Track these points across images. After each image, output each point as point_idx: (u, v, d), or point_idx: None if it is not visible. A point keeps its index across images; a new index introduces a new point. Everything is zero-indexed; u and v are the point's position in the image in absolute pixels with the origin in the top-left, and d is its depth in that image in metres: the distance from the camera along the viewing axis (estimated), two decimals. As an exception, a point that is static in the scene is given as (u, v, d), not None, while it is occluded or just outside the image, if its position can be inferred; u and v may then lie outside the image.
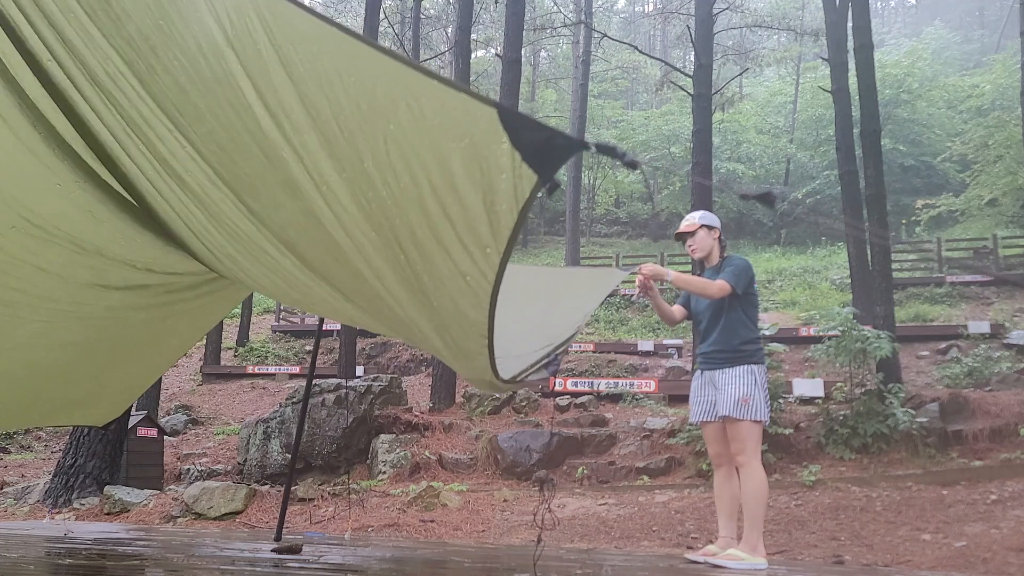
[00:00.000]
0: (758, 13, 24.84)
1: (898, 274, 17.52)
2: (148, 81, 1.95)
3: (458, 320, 2.08)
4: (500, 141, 1.41)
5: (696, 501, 6.71)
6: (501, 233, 1.61)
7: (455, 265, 1.79)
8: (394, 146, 1.61)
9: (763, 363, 3.73)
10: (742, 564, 3.49)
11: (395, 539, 5.76)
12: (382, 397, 9.96)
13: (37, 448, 12.62)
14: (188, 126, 2.03)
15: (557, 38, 32.50)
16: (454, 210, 1.63)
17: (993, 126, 20.70)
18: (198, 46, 1.73)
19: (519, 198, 1.50)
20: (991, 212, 21.88)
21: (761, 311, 7.66)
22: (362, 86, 1.57)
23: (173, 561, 3.55)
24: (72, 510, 7.57)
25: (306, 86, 1.63)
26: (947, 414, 7.91)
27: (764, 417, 3.60)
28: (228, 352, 18.62)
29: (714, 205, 17.04)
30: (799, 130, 30.20)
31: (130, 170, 2.53)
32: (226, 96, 1.80)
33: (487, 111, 1.40)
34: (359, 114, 1.62)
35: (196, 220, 2.61)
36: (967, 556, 4.67)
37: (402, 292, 2.16)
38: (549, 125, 1.41)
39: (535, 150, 1.40)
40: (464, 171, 1.54)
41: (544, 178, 1.43)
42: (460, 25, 13.85)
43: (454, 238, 1.71)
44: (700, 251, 3.93)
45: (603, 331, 18.06)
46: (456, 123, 1.48)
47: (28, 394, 3.75)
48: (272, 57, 1.62)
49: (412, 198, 1.69)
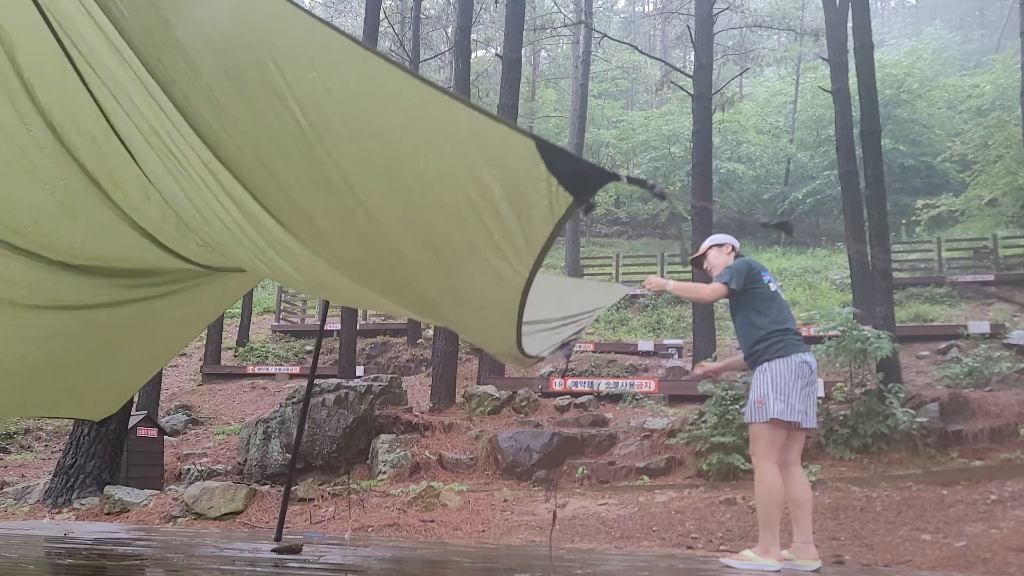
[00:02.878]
0: (758, 13, 24.82)
1: (898, 274, 17.52)
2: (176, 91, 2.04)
3: (489, 307, 2.26)
4: (537, 166, 1.57)
5: (696, 501, 6.71)
6: (535, 242, 1.80)
7: (491, 266, 1.97)
8: (434, 164, 1.77)
9: (779, 356, 3.61)
10: (749, 565, 3.49)
11: (395, 539, 5.75)
12: (382, 397, 9.96)
13: (37, 448, 12.62)
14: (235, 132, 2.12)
15: (557, 38, 32.49)
16: (491, 223, 1.81)
17: (993, 126, 20.67)
18: (255, 66, 1.84)
19: (555, 215, 1.67)
20: (991, 212, 21.86)
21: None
22: (401, 111, 1.71)
23: (173, 561, 3.55)
24: (72, 510, 7.57)
25: (348, 107, 1.77)
26: (947, 414, 7.90)
27: (774, 416, 3.52)
28: (228, 352, 18.62)
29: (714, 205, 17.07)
30: (799, 130, 30.19)
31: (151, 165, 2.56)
32: (272, 106, 1.90)
33: (525, 141, 1.56)
34: (400, 135, 1.77)
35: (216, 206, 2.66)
36: (967, 556, 4.67)
37: (434, 283, 2.31)
38: (584, 159, 1.61)
39: (571, 177, 1.58)
40: (502, 190, 1.70)
41: (579, 200, 1.60)
42: (460, 25, 13.85)
43: (490, 244, 1.88)
44: (715, 270, 4.01)
45: (603, 331, 18.05)
46: (494, 149, 1.65)
47: (19, 383, 3.75)
48: (318, 81, 1.76)
49: (450, 209, 1.84)
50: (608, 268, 22.37)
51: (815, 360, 3.77)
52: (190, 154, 2.24)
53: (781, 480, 3.57)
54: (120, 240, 3.06)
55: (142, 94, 2.11)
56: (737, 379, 8.17)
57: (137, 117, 2.28)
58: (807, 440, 7.78)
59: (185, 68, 1.91)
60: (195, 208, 2.68)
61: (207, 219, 2.72)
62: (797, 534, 3.64)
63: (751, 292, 3.78)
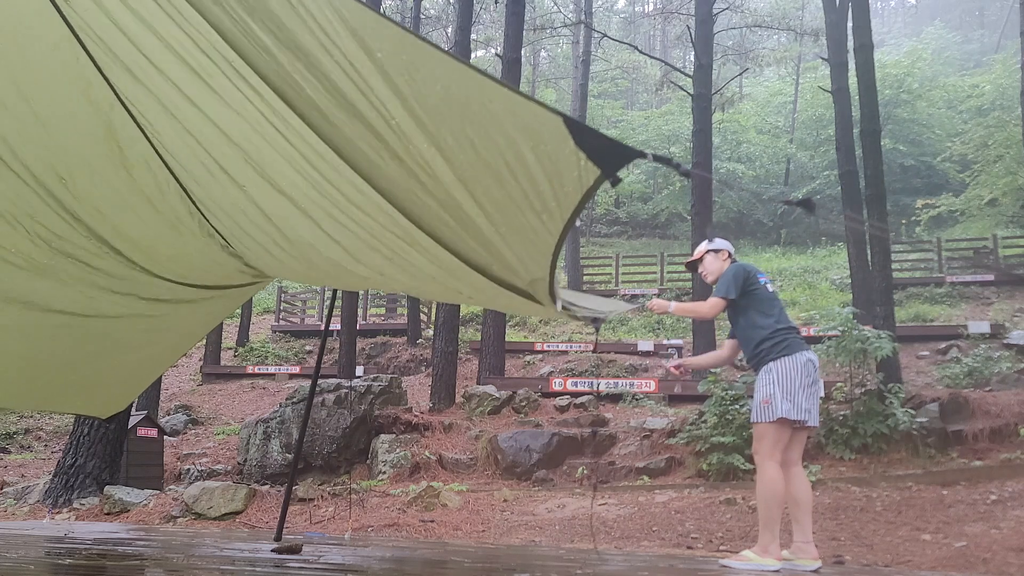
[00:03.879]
0: (758, 13, 24.84)
1: (898, 274, 17.52)
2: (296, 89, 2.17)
3: (523, 258, 2.42)
4: (566, 141, 1.68)
5: (696, 501, 6.71)
6: (566, 205, 1.95)
7: (527, 221, 2.11)
8: (472, 129, 1.90)
9: (785, 355, 3.60)
10: (748, 565, 3.49)
11: (395, 539, 5.75)
12: (382, 397, 9.96)
13: (37, 448, 12.62)
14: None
15: (557, 38, 32.48)
16: (526, 184, 1.96)
17: (993, 126, 20.70)
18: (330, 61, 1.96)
19: (583, 184, 1.79)
20: (991, 212, 21.88)
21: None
22: (445, 87, 1.84)
23: (173, 561, 3.55)
24: (72, 510, 7.57)
25: (400, 81, 1.89)
26: (947, 414, 7.90)
27: (778, 415, 3.52)
28: (228, 352, 18.63)
29: (714, 205, 17.07)
30: (799, 130, 30.20)
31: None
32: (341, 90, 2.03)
33: (553, 118, 1.66)
34: (444, 106, 1.90)
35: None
36: (967, 556, 4.67)
37: (474, 230, 2.42)
38: (610, 136, 1.69)
39: (598, 152, 1.69)
40: (534, 157, 1.84)
41: (607, 172, 1.70)
42: (460, 25, 13.83)
43: (526, 203, 2.03)
44: (711, 275, 3.99)
45: (603, 331, 18.05)
46: (526, 124, 1.77)
47: (25, 376, 3.77)
48: (368, 65, 1.88)
49: (491, 170, 1.99)
50: (608, 268, 22.35)
51: (818, 359, 3.77)
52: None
53: (783, 480, 3.57)
54: (207, 258, 3.30)
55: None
56: (737, 379, 8.17)
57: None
58: (807, 440, 7.82)
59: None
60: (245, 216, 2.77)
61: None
62: (797, 534, 3.64)
63: (750, 294, 3.77)
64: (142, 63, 2.28)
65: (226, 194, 2.80)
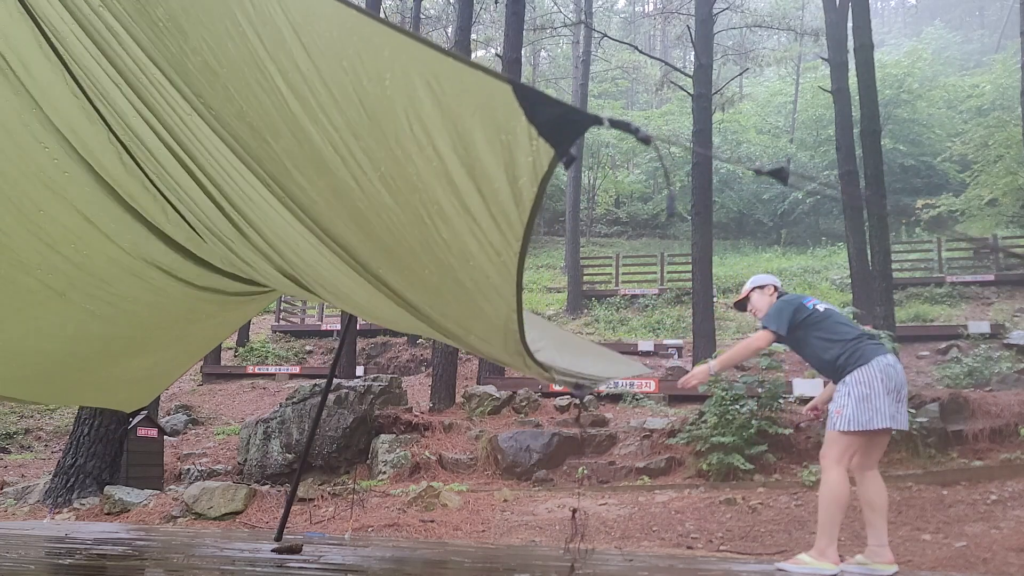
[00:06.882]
0: (758, 13, 24.84)
1: (898, 274, 17.52)
2: (176, 64, 1.99)
3: (487, 293, 2.12)
4: (518, 117, 1.43)
5: (696, 501, 6.71)
6: (524, 205, 1.64)
7: (484, 236, 1.82)
8: (416, 122, 1.64)
9: (860, 364, 3.55)
10: (805, 569, 3.48)
11: (395, 539, 5.75)
12: (382, 397, 9.96)
13: (37, 448, 12.62)
14: (218, 107, 2.05)
15: (557, 38, 32.47)
16: (483, 184, 1.66)
17: (993, 126, 20.70)
18: (224, 28, 1.77)
19: (538, 172, 1.52)
20: (991, 212, 21.87)
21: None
22: (381, 65, 1.59)
23: (173, 561, 3.55)
24: (72, 510, 7.57)
25: (327, 65, 1.66)
26: (947, 414, 7.89)
27: (848, 427, 3.49)
28: (228, 352, 18.62)
29: (714, 205, 17.06)
30: (799, 130, 30.20)
31: (152, 169, 2.57)
32: (253, 76, 1.83)
33: (502, 87, 1.42)
34: (381, 92, 1.64)
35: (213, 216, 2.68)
36: (967, 556, 4.67)
37: (433, 267, 2.19)
38: (563, 101, 1.42)
39: (551, 125, 1.42)
40: (487, 146, 1.57)
41: (560, 152, 1.45)
42: (460, 25, 13.83)
43: (484, 210, 1.73)
44: (760, 312, 3.99)
45: (603, 331, 18.05)
46: (474, 100, 1.50)
47: (47, 371, 3.77)
48: (292, 38, 1.65)
49: (440, 172, 1.71)
50: (608, 268, 22.34)
51: (899, 361, 3.73)
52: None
53: (848, 486, 3.55)
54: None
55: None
56: (737, 379, 8.17)
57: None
58: (808, 441, 7.82)
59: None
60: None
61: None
62: (872, 537, 3.62)
63: (805, 323, 3.73)
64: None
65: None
